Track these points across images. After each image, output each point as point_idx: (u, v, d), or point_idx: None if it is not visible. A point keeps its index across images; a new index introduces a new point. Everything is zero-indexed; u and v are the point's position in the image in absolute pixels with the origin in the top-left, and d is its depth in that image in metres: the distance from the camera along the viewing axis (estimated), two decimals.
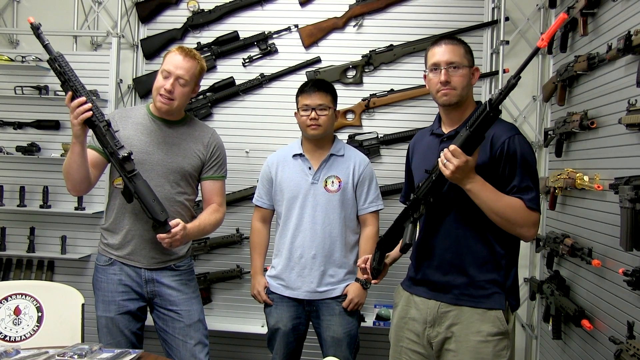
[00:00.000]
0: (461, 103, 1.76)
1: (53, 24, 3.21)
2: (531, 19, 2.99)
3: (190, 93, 2.10)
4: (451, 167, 1.55)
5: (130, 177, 1.96)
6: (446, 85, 1.73)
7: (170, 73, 2.03)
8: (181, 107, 2.12)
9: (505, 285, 1.72)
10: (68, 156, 1.97)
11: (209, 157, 2.19)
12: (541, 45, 1.42)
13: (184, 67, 2.03)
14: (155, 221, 1.97)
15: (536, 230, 1.69)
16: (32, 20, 1.85)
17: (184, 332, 2.13)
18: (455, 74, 1.73)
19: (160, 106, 2.07)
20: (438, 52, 1.76)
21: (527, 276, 3.02)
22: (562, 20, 1.45)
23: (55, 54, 1.88)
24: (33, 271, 3.16)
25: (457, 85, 1.73)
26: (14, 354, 1.63)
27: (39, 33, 1.86)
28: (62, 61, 1.88)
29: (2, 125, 3.13)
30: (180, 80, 2.03)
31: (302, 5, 3.10)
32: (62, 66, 1.87)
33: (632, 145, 1.96)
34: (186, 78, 2.04)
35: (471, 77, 1.77)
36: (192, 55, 2.07)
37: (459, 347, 1.70)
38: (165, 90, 2.02)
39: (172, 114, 2.12)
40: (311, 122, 2.29)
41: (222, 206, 2.25)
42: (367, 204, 2.37)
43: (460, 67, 1.73)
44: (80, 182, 2.01)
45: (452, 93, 1.74)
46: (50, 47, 1.88)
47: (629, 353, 1.80)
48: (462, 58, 1.74)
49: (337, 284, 2.32)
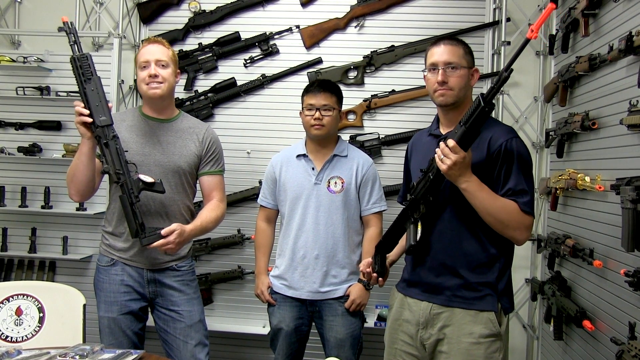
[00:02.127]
0: (459, 104, 1.76)
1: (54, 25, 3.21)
2: (532, 19, 2.98)
3: (173, 75, 2.13)
4: (448, 162, 1.55)
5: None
6: (443, 85, 1.73)
7: (147, 61, 2.08)
8: (171, 89, 2.12)
9: (498, 287, 1.71)
10: (74, 158, 1.98)
11: (205, 152, 2.19)
12: (530, 36, 1.42)
13: (157, 50, 2.09)
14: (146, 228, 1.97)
15: (529, 234, 1.68)
16: (66, 19, 1.95)
17: (184, 333, 2.13)
18: (453, 75, 1.73)
19: (152, 93, 2.08)
20: (437, 53, 1.76)
21: (529, 277, 3.02)
22: (550, 10, 1.44)
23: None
24: (34, 272, 3.17)
25: (454, 85, 1.73)
26: (16, 354, 1.64)
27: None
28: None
29: (4, 126, 3.14)
30: (161, 63, 2.08)
31: (303, 6, 3.10)
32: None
33: (634, 146, 1.96)
34: (164, 59, 2.09)
35: (470, 78, 1.77)
36: (160, 41, 2.13)
37: (451, 349, 1.70)
38: (150, 75, 2.05)
39: (162, 102, 2.12)
40: (315, 122, 2.30)
41: (223, 202, 2.25)
42: (370, 204, 2.37)
43: (458, 68, 1.73)
44: (86, 184, 2.00)
45: (449, 93, 1.74)
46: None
47: (630, 354, 1.80)
48: (461, 59, 1.74)
49: (340, 285, 2.32)
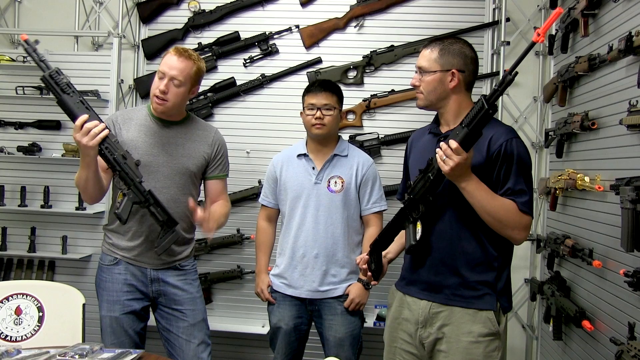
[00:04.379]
0: (441, 105, 1.76)
1: (54, 25, 3.22)
2: (532, 19, 2.98)
3: (186, 93, 2.08)
4: (451, 163, 1.55)
5: (140, 184, 1.96)
6: (415, 88, 1.77)
7: (164, 74, 2.02)
8: (176, 108, 2.09)
9: (497, 286, 1.71)
10: (81, 176, 1.95)
11: (214, 156, 2.19)
12: (537, 40, 1.41)
13: (178, 67, 2.02)
14: (170, 222, 1.99)
15: (527, 233, 1.69)
16: (25, 38, 1.82)
17: (188, 332, 2.13)
18: (423, 79, 1.75)
19: (155, 107, 2.07)
20: (420, 56, 1.79)
21: (528, 277, 3.02)
22: (557, 15, 1.44)
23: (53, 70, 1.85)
24: (34, 271, 3.16)
25: (423, 89, 1.75)
26: (15, 353, 1.64)
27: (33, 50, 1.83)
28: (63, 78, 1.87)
29: (3, 125, 3.14)
30: (175, 81, 2.02)
31: (303, 5, 3.10)
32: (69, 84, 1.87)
33: (633, 146, 1.96)
34: (180, 79, 2.02)
35: (447, 81, 1.72)
36: (188, 55, 2.05)
37: (450, 348, 1.70)
38: (159, 91, 2.03)
39: (169, 115, 2.11)
40: (316, 122, 2.30)
41: (228, 202, 2.28)
42: (370, 204, 2.38)
43: (427, 72, 1.74)
44: (99, 194, 2.03)
45: (420, 97, 1.77)
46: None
47: (629, 354, 1.80)
48: (432, 62, 1.73)
49: (339, 284, 2.33)
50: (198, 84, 2.13)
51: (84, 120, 1.83)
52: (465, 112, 1.62)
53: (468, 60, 1.75)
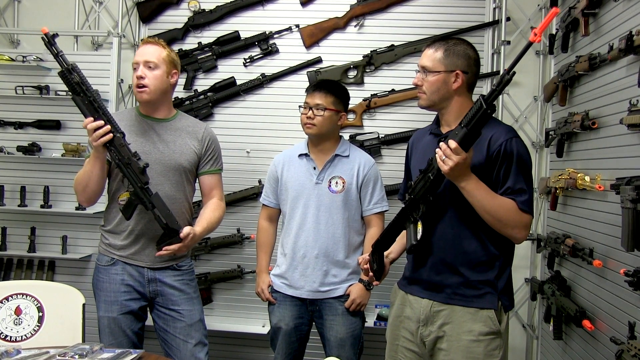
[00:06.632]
0: (443, 106, 1.76)
1: (54, 24, 3.21)
2: (532, 19, 2.98)
3: (164, 76, 2.10)
4: (450, 163, 1.55)
5: (145, 189, 1.98)
6: (418, 88, 1.78)
7: (138, 62, 2.08)
8: (159, 92, 2.10)
9: (498, 285, 1.72)
10: (87, 170, 2.00)
11: (205, 151, 2.20)
12: (534, 40, 1.41)
13: (148, 51, 2.08)
14: (170, 230, 2.00)
15: (527, 232, 1.69)
16: (46, 31, 1.89)
17: (184, 332, 2.13)
18: (426, 78, 1.75)
19: (139, 98, 2.10)
20: (423, 55, 1.80)
21: (528, 276, 3.02)
22: (554, 14, 1.44)
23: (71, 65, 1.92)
24: (34, 271, 3.16)
25: (426, 89, 1.76)
26: (15, 353, 1.64)
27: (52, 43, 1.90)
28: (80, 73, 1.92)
29: (3, 125, 3.14)
30: (150, 64, 2.06)
31: (303, 5, 3.09)
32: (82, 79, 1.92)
33: (634, 145, 1.96)
34: (153, 60, 2.07)
35: (451, 82, 1.73)
36: (155, 42, 2.12)
37: (451, 347, 1.70)
38: (137, 78, 2.06)
39: (156, 107, 2.13)
40: (307, 121, 2.31)
41: (223, 200, 2.28)
42: (372, 205, 2.37)
43: (431, 72, 1.74)
44: (98, 193, 2.06)
45: (422, 97, 1.78)
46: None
47: (630, 354, 1.80)
48: (436, 62, 1.74)
49: (340, 284, 2.32)
50: (176, 69, 2.16)
51: (86, 124, 1.91)
52: (465, 113, 1.62)
53: (471, 61, 1.76)
